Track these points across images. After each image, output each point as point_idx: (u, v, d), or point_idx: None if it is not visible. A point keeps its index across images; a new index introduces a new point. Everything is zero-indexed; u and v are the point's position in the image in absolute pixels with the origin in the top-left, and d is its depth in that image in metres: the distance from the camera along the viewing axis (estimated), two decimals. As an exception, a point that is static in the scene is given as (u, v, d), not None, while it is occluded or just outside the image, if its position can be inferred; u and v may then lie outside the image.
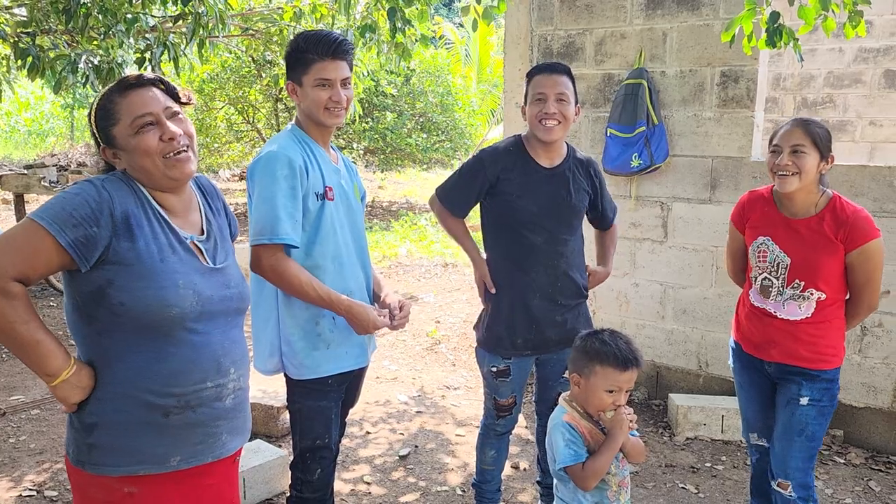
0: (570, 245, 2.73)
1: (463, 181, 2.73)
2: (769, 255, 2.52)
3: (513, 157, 2.68)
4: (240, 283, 1.78)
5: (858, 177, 3.77)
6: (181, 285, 1.61)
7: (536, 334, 2.71)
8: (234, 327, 1.77)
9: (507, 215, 2.66)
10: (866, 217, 2.43)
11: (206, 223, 1.78)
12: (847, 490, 3.44)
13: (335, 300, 2.22)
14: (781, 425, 2.56)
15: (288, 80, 2.31)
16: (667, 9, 4.19)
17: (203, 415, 1.68)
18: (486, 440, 2.92)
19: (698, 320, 4.30)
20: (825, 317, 2.49)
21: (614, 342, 2.05)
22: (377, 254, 8.96)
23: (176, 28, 5.55)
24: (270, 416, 3.90)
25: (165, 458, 1.64)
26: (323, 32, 2.25)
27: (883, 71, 7.57)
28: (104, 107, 1.65)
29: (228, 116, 12.80)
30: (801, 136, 2.40)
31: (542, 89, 2.57)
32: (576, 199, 2.71)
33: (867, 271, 2.44)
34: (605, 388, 2.02)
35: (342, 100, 2.25)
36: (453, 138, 13.15)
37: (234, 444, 1.78)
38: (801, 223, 2.48)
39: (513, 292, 2.69)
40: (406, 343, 5.70)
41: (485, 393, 2.89)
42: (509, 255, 2.69)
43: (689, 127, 4.22)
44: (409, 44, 5.05)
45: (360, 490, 3.39)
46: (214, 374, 1.68)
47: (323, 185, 2.26)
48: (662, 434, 4.05)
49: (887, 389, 3.78)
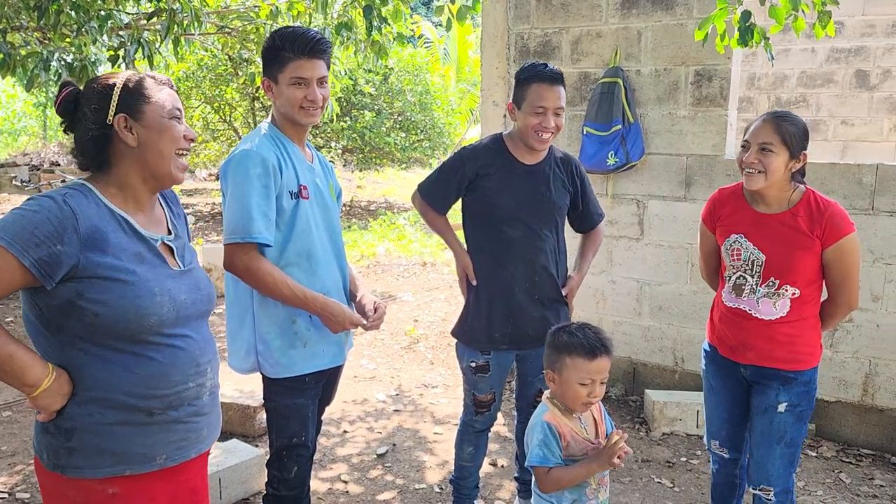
0: (550, 241, 2.74)
1: (443, 177, 2.77)
2: (743, 252, 2.45)
3: (493, 154, 2.71)
4: (207, 284, 1.79)
5: (829, 174, 3.83)
6: (157, 293, 1.61)
7: (514, 328, 2.72)
8: (204, 327, 1.79)
9: (486, 210, 2.69)
10: (841, 212, 2.38)
11: (171, 224, 1.78)
12: (818, 482, 3.50)
13: (310, 298, 2.21)
14: (760, 433, 2.49)
15: (264, 77, 2.29)
16: (641, 8, 4.23)
17: (185, 412, 1.69)
18: (464, 437, 2.93)
19: (674, 317, 4.35)
20: (800, 315, 2.42)
21: (582, 333, 2.04)
22: (356, 253, 8.94)
23: (150, 25, 5.50)
24: (247, 416, 3.88)
25: (151, 457, 1.64)
26: (300, 30, 2.23)
27: (854, 71, 7.69)
28: (139, 85, 1.66)
29: (205, 115, 12.70)
30: (769, 134, 2.33)
31: (543, 103, 2.55)
32: (555, 196, 2.72)
33: (844, 268, 2.37)
34: (577, 380, 2.01)
35: (318, 99, 2.23)
36: (432, 137, 13.15)
37: (211, 438, 1.80)
38: (774, 218, 2.41)
39: (492, 286, 2.72)
40: (384, 342, 5.70)
41: (464, 389, 2.90)
42: (488, 249, 2.72)
43: (663, 125, 4.26)
44: (386, 42, 5.04)
45: (338, 489, 3.38)
46: (194, 374, 1.70)
47: (297, 183, 2.25)
48: (639, 430, 4.09)
49: (857, 383, 3.85)
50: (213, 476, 3.11)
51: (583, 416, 2.13)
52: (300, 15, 5.73)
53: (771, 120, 2.36)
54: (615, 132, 4.22)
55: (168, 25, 4.77)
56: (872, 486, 3.46)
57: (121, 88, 1.64)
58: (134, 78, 1.67)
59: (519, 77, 2.65)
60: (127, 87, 1.64)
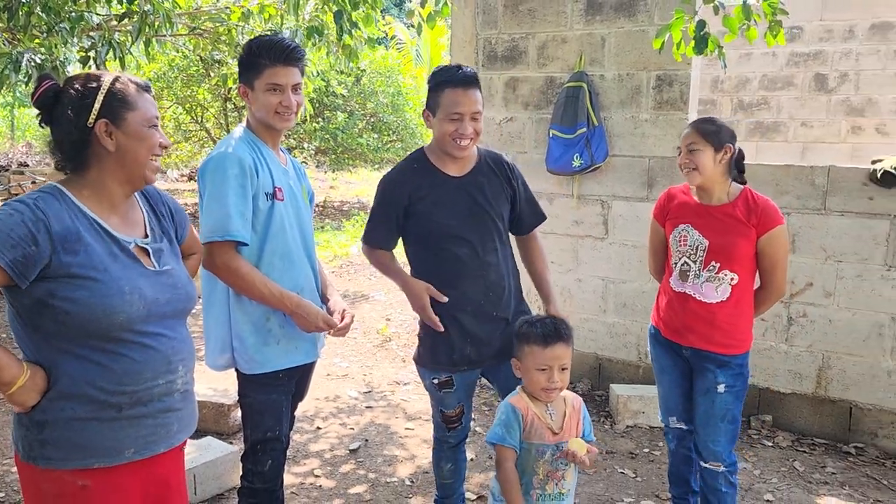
0: (497, 253, 2.61)
1: (380, 215, 2.61)
2: (689, 238, 2.74)
3: (420, 174, 2.57)
4: (186, 283, 1.84)
5: (784, 176, 3.99)
6: (128, 291, 1.66)
7: (473, 349, 2.59)
8: (181, 326, 1.84)
9: (425, 233, 2.57)
10: (773, 205, 2.69)
11: (150, 227, 1.84)
12: (773, 471, 3.65)
13: (285, 297, 2.29)
14: (704, 413, 2.75)
15: (241, 84, 2.38)
16: (605, 15, 4.36)
17: (154, 408, 1.74)
18: (440, 454, 2.84)
19: (638, 313, 4.48)
20: (738, 301, 2.70)
21: (540, 323, 2.20)
22: (329, 253, 8.99)
23: (121, 26, 5.51)
24: (221, 414, 3.94)
25: (119, 451, 1.70)
26: (276, 38, 2.32)
27: (813, 74, 7.93)
28: (124, 91, 1.71)
29: (176, 116, 12.63)
30: (692, 136, 2.68)
31: (458, 109, 2.43)
32: (494, 204, 2.59)
33: (774, 256, 2.67)
34: (535, 366, 2.16)
35: (292, 105, 2.32)
36: (404, 138, 13.21)
37: (183, 434, 1.85)
38: (717, 209, 2.72)
39: (442, 310, 2.55)
40: (357, 340, 5.77)
41: (432, 406, 2.81)
42: (435, 271, 2.57)
43: (627, 128, 4.40)
44: (357, 46, 5.12)
45: (311, 483, 3.46)
46: (165, 372, 1.75)
47: (273, 185, 2.33)
48: (604, 423, 4.22)
49: (811, 376, 4.02)
50: (188, 472, 3.17)
51: (553, 406, 2.23)
52: (272, 17, 5.79)
53: (692, 125, 2.75)
54: (580, 135, 4.34)
55: (139, 27, 4.79)
56: (824, 474, 3.62)
57: (105, 93, 1.68)
58: (119, 83, 1.71)
59: (431, 82, 2.52)
60: (111, 92, 1.69)
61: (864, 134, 7.80)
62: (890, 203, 3.73)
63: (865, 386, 3.88)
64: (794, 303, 4.02)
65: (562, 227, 4.62)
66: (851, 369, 3.91)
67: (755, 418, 4.14)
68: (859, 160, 6.34)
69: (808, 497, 3.39)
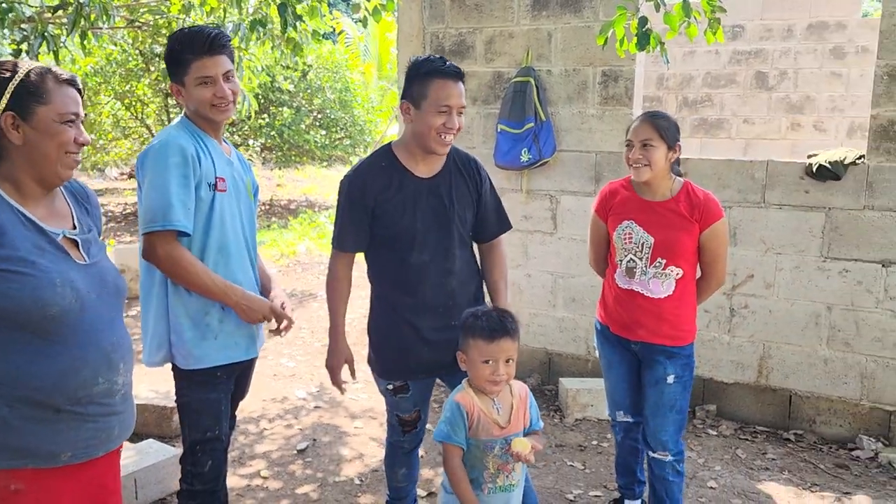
0: (460, 259, 2.53)
1: (348, 217, 2.48)
2: (634, 236, 2.73)
3: (387, 173, 2.44)
4: (116, 276, 1.79)
5: (725, 170, 4.07)
6: (58, 283, 1.60)
7: (431, 356, 2.51)
8: (117, 321, 1.77)
9: (388, 237, 2.46)
10: (714, 200, 2.73)
11: (77, 218, 1.77)
12: (717, 459, 3.72)
13: (229, 289, 2.24)
14: (653, 404, 2.79)
15: (172, 83, 2.31)
16: (551, 10, 4.38)
17: (95, 411, 1.68)
18: (394, 458, 2.78)
19: (587, 308, 4.52)
20: (683, 293, 2.74)
21: (486, 316, 2.17)
22: (275, 252, 8.85)
23: (56, 19, 5.31)
24: (163, 417, 3.83)
25: (56, 454, 1.63)
26: (196, 29, 2.25)
27: (754, 72, 8.13)
28: (37, 83, 1.62)
29: (115, 112, 12.26)
30: (648, 131, 2.65)
31: (448, 101, 2.32)
32: (460, 209, 2.50)
33: (716, 248, 2.72)
34: (480, 359, 2.14)
35: (226, 94, 2.26)
36: (353, 135, 13.10)
37: (122, 436, 1.80)
38: (659, 205, 2.72)
39: (402, 316, 2.49)
40: (304, 340, 5.69)
41: (387, 410, 2.73)
42: (395, 277, 2.50)
43: (574, 123, 4.43)
44: (302, 39, 5.03)
45: (257, 484, 3.39)
46: (106, 370, 1.69)
47: (214, 175, 2.27)
48: (553, 417, 4.24)
49: (753, 365, 4.11)
50: (129, 477, 3.08)
51: (499, 400, 2.21)
52: (214, 10, 5.65)
53: (648, 119, 2.69)
54: (528, 130, 4.36)
55: (74, 19, 4.62)
56: (765, 460, 3.71)
57: (17, 84, 1.60)
58: (34, 74, 1.63)
59: (417, 71, 2.37)
60: (24, 84, 1.61)
61: (802, 131, 8.04)
62: (825, 196, 3.84)
63: (804, 374, 3.99)
64: (737, 294, 4.11)
65: (511, 222, 4.61)
66: (790, 358, 4.01)
67: (700, 408, 4.22)
68: (798, 156, 6.52)
69: (750, 483, 3.47)
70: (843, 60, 7.77)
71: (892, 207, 3.70)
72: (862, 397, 3.88)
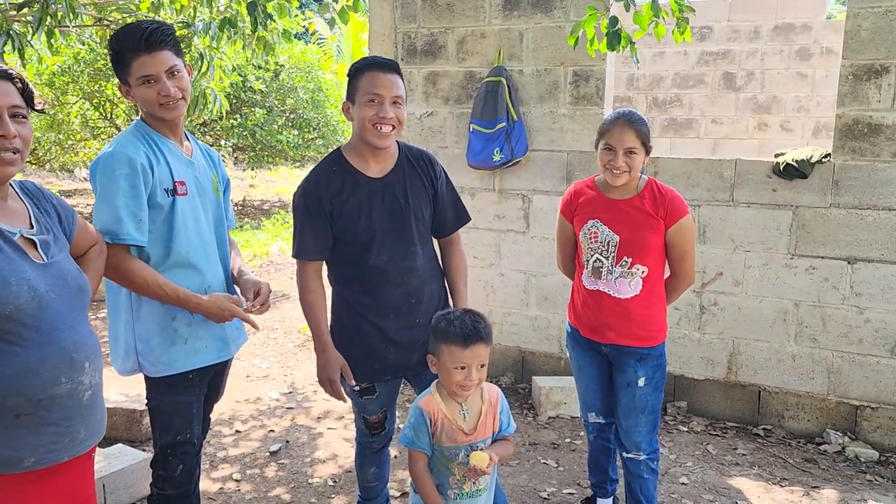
0: (421, 257, 2.50)
1: (307, 225, 2.44)
2: (600, 235, 2.72)
3: (339, 177, 2.42)
4: (77, 276, 1.75)
5: (694, 169, 4.12)
6: (13, 282, 1.57)
7: (397, 358, 2.50)
8: (81, 322, 1.73)
9: (345, 240, 2.44)
10: (678, 196, 2.72)
11: (34, 218, 1.74)
12: (688, 455, 3.77)
13: (183, 298, 2.18)
14: (625, 406, 2.78)
15: (119, 84, 2.25)
16: (522, 10, 4.40)
17: (58, 414, 1.63)
18: (364, 459, 2.77)
19: (559, 306, 4.55)
20: (651, 292, 2.73)
21: (459, 321, 2.13)
22: (248, 252, 8.78)
23: (21, 16, 5.21)
24: (133, 421, 3.77)
25: (18, 460, 1.59)
26: (132, 26, 2.16)
27: (722, 73, 8.25)
28: None
29: (83, 112, 12.06)
30: (633, 139, 2.59)
31: (377, 90, 2.31)
32: (415, 207, 2.48)
33: (683, 245, 2.71)
34: (452, 365, 2.11)
35: (171, 92, 2.17)
36: (325, 135, 13.02)
37: (91, 441, 1.75)
38: (624, 203, 2.71)
39: (365, 318, 2.47)
40: (277, 341, 5.65)
41: (353, 412, 2.72)
42: (355, 279, 2.48)
43: (545, 123, 4.45)
44: (273, 39, 5.00)
45: (229, 488, 3.36)
46: (68, 370, 1.65)
47: (172, 180, 2.22)
48: (527, 415, 4.26)
49: (723, 362, 4.17)
50: (98, 482, 3.02)
51: (467, 405, 2.19)
52: (184, 8, 5.59)
53: (630, 126, 2.61)
54: (500, 129, 4.37)
55: (40, 17, 4.53)
56: (735, 455, 3.77)
57: None
58: None
59: (350, 73, 2.41)
60: None
61: (769, 130, 8.18)
62: (792, 194, 3.90)
63: (772, 370, 4.06)
64: (706, 292, 4.16)
65: (484, 221, 4.64)
66: (759, 354, 4.08)
67: (671, 405, 4.26)
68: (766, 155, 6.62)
69: (721, 478, 3.51)
70: (808, 61, 7.91)
71: (857, 205, 3.78)
72: (829, 392, 3.95)
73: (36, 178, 15.81)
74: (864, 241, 3.78)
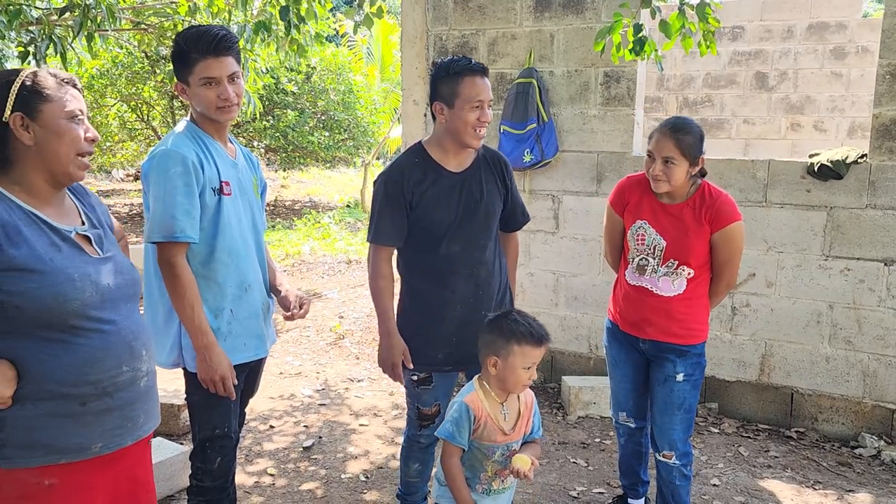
0: (489, 250, 2.62)
1: (386, 212, 2.55)
2: (647, 238, 2.72)
3: (421, 168, 2.54)
4: (130, 269, 1.83)
5: (727, 170, 4.10)
6: (77, 278, 1.64)
7: (458, 348, 2.58)
8: (136, 312, 1.82)
9: (422, 229, 2.55)
10: (730, 202, 2.68)
11: (84, 215, 1.82)
12: (720, 456, 3.75)
13: (202, 331, 2.20)
14: (661, 402, 2.77)
15: (177, 82, 2.32)
16: (553, 12, 4.41)
17: (121, 399, 1.72)
18: (410, 453, 2.79)
19: (588, 306, 4.56)
20: (694, 293, 2.71)
21: (525, 321, 2.14)
22: (280, 252, 8.90)
23: (62, 21, 5.36)
24: (171, 414, 3.87)
25: (87, 446, 1.67)
26: (203, 28, 2.24)
27: (754, 73, 8.16)
28: (40, 83, 1.66)
29: (121, 114, 12.32)
30: (671, 149, 2.58)
31: (481, 96, 2.43)
32: (489, 202, 2.60)
33: (729, 251, 2.67)
34: (522, 365, 2.12)
35: (231, 96, 2.25)
36: (356, 136, 13.15)
37: (149, 425, 1.83)
38: (675, 208, 2.70)
39: (432, 307, 2.57)
40: (310, 339, 5.73)
41: (407, 402, 2.76)
42: (427, 269, 2.58)
43: (576, 124, 4.47)
44: (305, 41, 5.07)
45: (264, 482, 3.43)
46: (129, 358, 1.73)
47: (219, 180, 2.29)
48: (556, 414, 4.28)
49: (755, 364, 4.14)
50: (137, 474, 3.11)
51: (507, 405, 2.21)
52: (220, 11, 5.69)
53: (671, 135, 2.60)
54: (530, 130, 4.40)
55: (81, 21, 4.66)
56: (768, 458, 3.74)
57: (19, 86, 1.65)
58: (34, 76, 1.67)
59: (446, 72, 2.46)
60: (25, 85, 1.65)
61: (802, 131, 8.06)
62: (826, 195, 3.87)
63: (805, 372, 4.02)
64: (738, 293, 4.14)
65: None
66: (792, 356, 4.04)
67: (701, 406, 4.25)
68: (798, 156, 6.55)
69: (753, 480, 3.49)
70: (843, 61, 7.79)
71: (894, 206, 3.73)
72: (864, 395, 3.91)
73: (74, 178, 16.15)
74: (900, 243, 3.73)
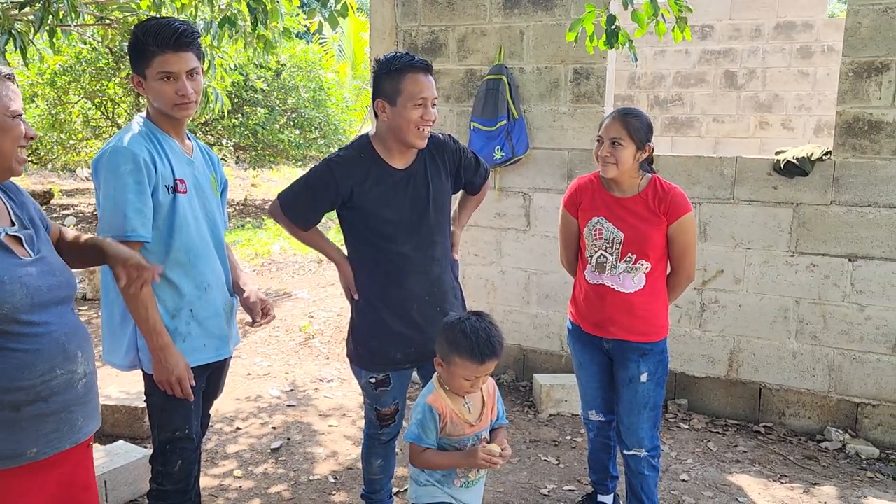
0: (440, 246, 2.59)
1: (311, 192, 2.50)
2: (605, 232, 2.73)
3: (365, 165, 2.47)
4: (63, 270, 1.77)
5: (695, 167, 4.12)
6: (6, 281, 1.59)
7: (416, 347, 2.56)
8: (69, 313, 1.77)
9: (369, 228, 2.50)
10: (681, 193, 2.73)
11: (14, 215, 1.75)
12: (689, 452, 3.77)
13: (156, 332, 2.13)
14: (627, 402, 2.78)
15: (133, 74, 2.25)
16: (523, 8, 4.40)
17: (57, 403, 1.67)
18: (371, 450, 2.80)
19: (560, 304, 4.55)
20: (654, 287, 2.74)
21: (475, 335, 2.06)
22: (250, 251, 8.79)
23: (22, 15, 5.22)
24: (134, 418, 3.78)
25: (21, 452, 1.62)
26: (164, 21, 2.17)
27: (723, 71, 8.25)
28: None
29: (85, 112, 12.07)
30: (618, 130, 2.64)
31: (424, 93, 2.38)
32: (437, 196, 2.56)
33: (684, 242, 2.71)
34: (463, 377, 2.10)
35: (188, 93, 2.19)
36: (327, 134, 13.02)
37: (88, 427, 1.78)
38: (628, 201, 2.73)
39: (388, 306, 2.53)
40: (279, 339, 5.66)
41: (365, 403, 2.76)
42: (378, 267, 2.53)
43: (546, 121, 4.46)
44: (273, 37, 5.00)
45: (229, 484, 3.36)
46: (62, 360, 1.68)
47: (173, 178, 2.22)
48: (528, 412, 4.26)
49: (723, 360, 4.17)
50: (99, 478, 3.03)
51: (469, 397, 2.21)
52: (185, 7, 5.59)
53: (619, 117, 2.67)
54: (501, 127, 4.37)
55: (42, 16, 4.54)
56: (736, 453, 3.77)
57: None
58: None
59: (388, 68, 2.41)
60: None
61: (770, 129, 8.17)
62: (792, 192, 3.90)
63: (773, 367, 4.06)
64: (707, 289, 4.16)
65: (485, 219, 4.65)
66: (760, 352, 4.07)
67: (671, 402, 4.26)
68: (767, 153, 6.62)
69: (721, 475, 3.51)
70: (809, 60, 7.91)
71: (857, 202, 3.77)
72: (830, 390, 3.95)
73: (38, 177, 15.85)
74: (864, 239, 3.77)
